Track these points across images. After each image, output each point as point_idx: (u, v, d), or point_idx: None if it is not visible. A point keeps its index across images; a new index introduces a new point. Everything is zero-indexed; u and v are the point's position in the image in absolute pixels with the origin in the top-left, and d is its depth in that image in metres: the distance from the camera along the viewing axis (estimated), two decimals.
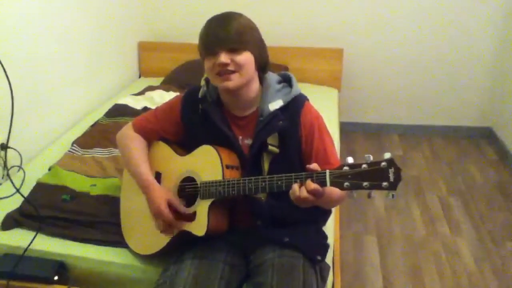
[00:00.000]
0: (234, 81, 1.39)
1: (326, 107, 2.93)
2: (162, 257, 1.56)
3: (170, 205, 1.47)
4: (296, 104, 1.48)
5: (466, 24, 3.43)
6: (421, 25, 3.47)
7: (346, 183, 1.16)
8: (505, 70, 3.46)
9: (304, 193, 1.21)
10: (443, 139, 3.71)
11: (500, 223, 2.64)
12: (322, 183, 1.20)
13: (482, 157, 3.43)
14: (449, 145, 3.62)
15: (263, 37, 1.48)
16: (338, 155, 2.32)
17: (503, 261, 2.33)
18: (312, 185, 1.20)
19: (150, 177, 1.54)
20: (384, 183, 1.12)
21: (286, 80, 1.54)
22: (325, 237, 1.61)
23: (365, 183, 1.14)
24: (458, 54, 3.52)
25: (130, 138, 1.64)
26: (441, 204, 2.83)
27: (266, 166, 1.43)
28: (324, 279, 1.51)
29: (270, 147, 1.43)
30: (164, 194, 1.49)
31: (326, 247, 1.57)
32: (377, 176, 1.13)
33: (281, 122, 1.43)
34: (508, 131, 3.41)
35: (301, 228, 1.52)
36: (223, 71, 1.38)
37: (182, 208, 1.49)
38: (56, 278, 1.59)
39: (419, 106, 3.73)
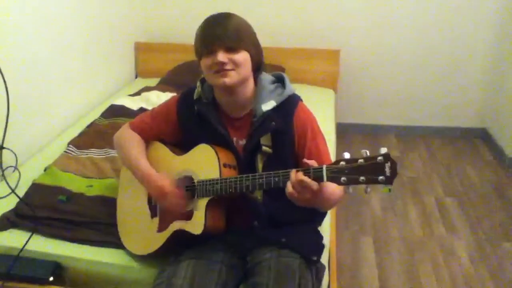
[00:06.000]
0: (231, 77, 1.39)
1: (322, 108, 2.93)
2: (159, 258, 1.55)
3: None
4: (289, 105, 1.48)
5: (462, 26, 3.44)
6: (418, 27, 3.48)
7: (343, 178, 1.17)
8: (501, 71, 3.47)
9: (297, 179, 1.20)
10: (439, 140, 3.72)
11: (496, 223, 2.65)
12: (319, 178, 1.20)
13: (478, 158, 3.44)
14: (446, 146, 3.63)
15: (259, 38, 1.48)
16: (335, 156, 2.33)
17: (500, 262, 2.34)
18: (300, 175, 1.20)
19: (150, 170, 1.53)
20: (381, 177, 1.13)
21: (280, 81, 1.54)
22: (320, 237, 1.61)
23: (361, 178, 1.15)
24: (454, 56, 3.54)
25: (128, 137, 1.64)
26: (437, 205, 2.83)
27: (260, 166, 1.43)
28: (319, 280, 1.51)
29: (263, 148, 1.43)
30: (166, 177, 1.48)
31: (321, 247, 1.57)
32: (373, 171, 1.14)
33: (273, 123, 1.44)
34: (504, 132, 3.42)
35: (298, 228, 1.52)
36: (221, 69, 1.38)
37: (183, 192, 1.47)
38: (51, 279, 1.58)
39: (415, 107, 3.74)
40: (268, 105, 1.45)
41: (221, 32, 1.37)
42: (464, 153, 3.51)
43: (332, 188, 1.30)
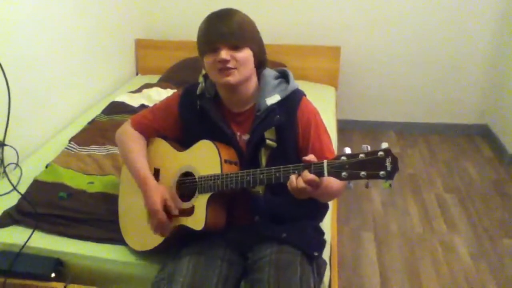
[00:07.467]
0: (235, 76, 1.40)
1: (323, 105, 2.92)
2: (160, 254, 1.56)
3: (166, 205, 1.47)
4: (293, 99, 1.48)
5: (462, 22, 3.43)
6: (418, 23, 3.48)
7: (343, 173, 1.17)
8: (501, 67, 3.47)
9: (301, 183, 1.22)
10: (439, 136, 3.72)
11: (496, 220, 2.65)
12: (320, 174, 1.21)
13: (478, 154, 3.45)
14: (446, 142, 3.63)
15: (260, 35, 1.48)
16: (336, 152, 2.33)
17: (500, 258, 2.35)
18: (308, 175, 1.21)
19: (148, 174, 1.54)
20: (382, 172, 1.13)
21: (283, 76, 1.54)
22: (322, 233, 1.62)
23: (362, 173, 1.15)
24: (454, 52, 3.53)
25: (129, 135, 1.64)
26: (437, 202, 2.84)
27: (263, 161, 1.43)
28: (320, 275, 1.52)
29: (267, 141, 1.43)
30: (161, 192, 1.49)
31: (323, 243, 1.58)
32: (374, 166, 1.14)
33: (278, 116, 1.44)
34: (504, 128, 3.42)
35: (299, 224, 1.52)
36: (224, 68, 1.38)
37: (177, 205, 1.49)
38: (53, 275, 1.59)
39: (416, 104, 3.74)
40: (272, 99, 1.45)
41: (224, 30, 1.36)
42: (464, 150, 3.51)
43: (332, 182, 1.30)
